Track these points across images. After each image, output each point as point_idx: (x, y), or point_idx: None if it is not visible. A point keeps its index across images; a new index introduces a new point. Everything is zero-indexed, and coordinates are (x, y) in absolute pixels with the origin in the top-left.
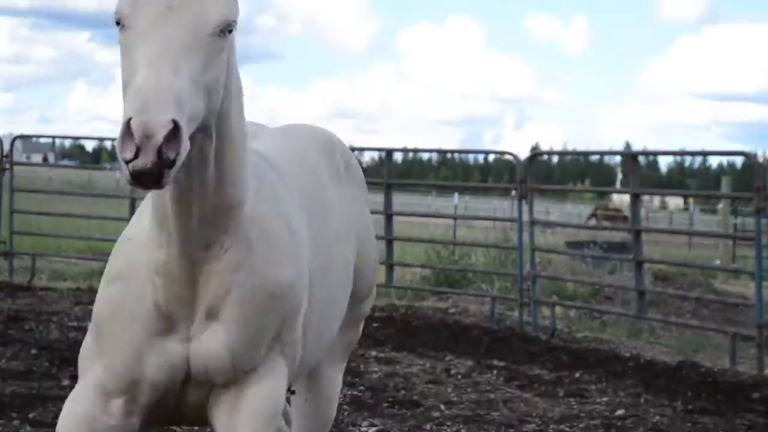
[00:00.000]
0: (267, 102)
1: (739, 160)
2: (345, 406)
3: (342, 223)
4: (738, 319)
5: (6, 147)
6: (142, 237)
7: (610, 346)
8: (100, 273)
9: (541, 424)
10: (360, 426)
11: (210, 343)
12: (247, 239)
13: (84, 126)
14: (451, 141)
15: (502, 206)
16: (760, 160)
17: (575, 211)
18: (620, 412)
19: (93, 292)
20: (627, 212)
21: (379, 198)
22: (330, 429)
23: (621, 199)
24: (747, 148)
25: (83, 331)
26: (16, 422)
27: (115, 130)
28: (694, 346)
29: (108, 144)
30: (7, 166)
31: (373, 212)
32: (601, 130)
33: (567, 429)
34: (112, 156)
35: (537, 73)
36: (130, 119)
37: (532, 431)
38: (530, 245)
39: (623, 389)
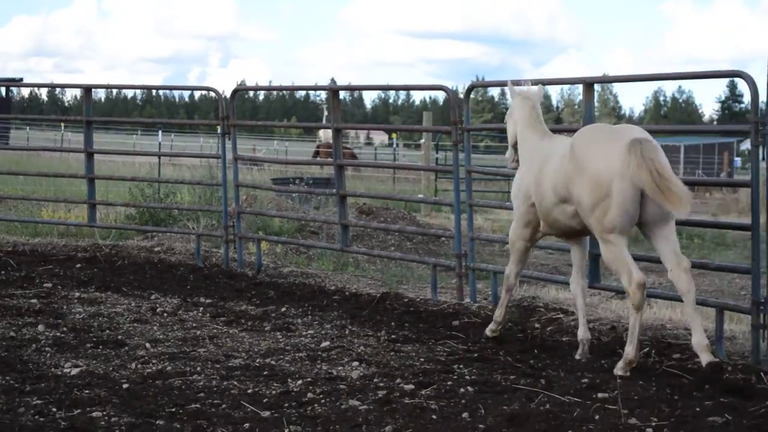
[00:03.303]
0: None
1: (441, 96)
2: (47, 348)
3: None
4: (440, 250)
5: None
6: None
7: (316, 280)
8: None
9: (248, 359)
10: (63, 367)
11: None
12: None
13: None
14: (156, 79)
15: (209, 145)
16: (461, 95)
17: (282, 148)
18: (326, 344)
19: None
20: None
21: (80, 137)
22: (30, 372)
23: (326, 136)
24: (450, 85)
25: None
26: None
27: None
28: (398, 278)
29: None
30: None
31: (73, 151)
32: (308, 69)
33: (273, 362)
34: None
35: (241, 11)
36: None
37: (238, 366)
38: (234, 182)
39: (329, 322)
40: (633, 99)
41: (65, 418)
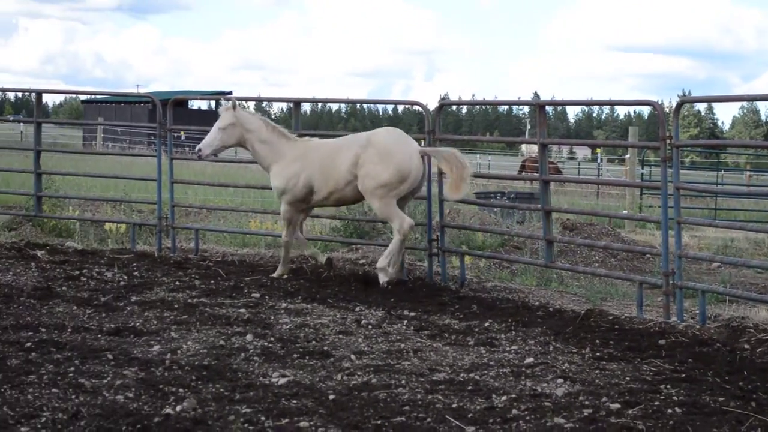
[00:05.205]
0: (174, 53)
1: (646, 111)
2: (255, 357)
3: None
4: (645, 267)
5: None
6: None
7: (520, 295)
8: (6, 226)
9: (452, 373)
10: (270, 376)
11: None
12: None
13: None
14: (361, 92)
15: None
16: (666, 110)
17: (485, 161)
18: (529, 360)
19: (1, 247)
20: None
21: None
22: (240, 381)
23: (530, 150)
24: (655, 99)
25: None
26: None
27: (18, 82)
28: (602, 295)
29: (11, 96)
30: None
31: None
32: (511, 82)
33: (477, 377)
34: (15, 108)
35: (446, 25)
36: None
37: (442, 380)
38: (439, 196)
39: (532, 337)
40: None
41: (274, 428)
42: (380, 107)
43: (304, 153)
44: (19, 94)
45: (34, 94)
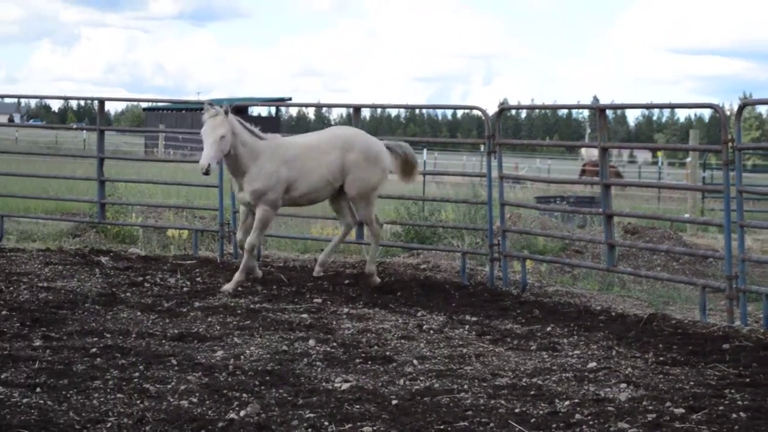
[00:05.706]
0: (234, 61)
1: (707, 114)
2: (318, 362)
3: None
4: (708, 271)
5: None
6: None
7: (582, 300)
8: (70, 233)
9: (514, 378)
10: (333, 382)
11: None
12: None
13: (49, 86)
14: (420, 97)
15: (472, 162)
16: (727, 113)
17: (544, 166)
18: (592, 364)
19: (63, 252)
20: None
21: None
22: (303, 386)
23: (589, 154)
24: (716, 102)
25: (53, 291)
26: None
27: (80, 90)
28: (665, 299)
29: (74, 104)
30: None
31: None
32: (569, 86)
33: (540, 382)
34: (78, 116)
35: (505, 29)
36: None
37: (504, 385)
38: (500, 200)
39: (595, 342)
40: None
41: None
42: (439, 112)
43: (277, 151)
44: (82, 102)
45: (96, 102)
